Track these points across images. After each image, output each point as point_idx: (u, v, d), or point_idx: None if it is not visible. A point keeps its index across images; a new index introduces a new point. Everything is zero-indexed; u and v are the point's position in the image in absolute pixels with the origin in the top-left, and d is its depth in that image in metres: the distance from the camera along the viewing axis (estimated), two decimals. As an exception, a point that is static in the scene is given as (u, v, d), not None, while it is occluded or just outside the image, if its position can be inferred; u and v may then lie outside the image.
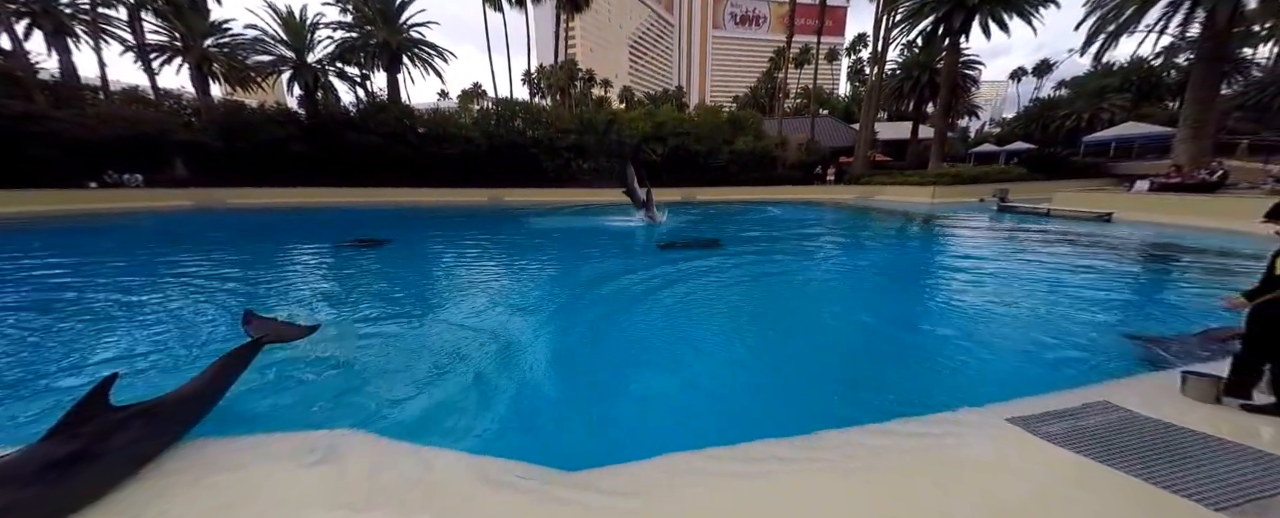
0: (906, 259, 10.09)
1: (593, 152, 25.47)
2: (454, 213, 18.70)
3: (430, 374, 3.92)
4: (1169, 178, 14.47)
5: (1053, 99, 33.83)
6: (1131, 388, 3.32)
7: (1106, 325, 5.21)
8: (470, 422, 3.21)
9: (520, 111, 26.99)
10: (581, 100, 50.14)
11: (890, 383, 3.94)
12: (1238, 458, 2.35)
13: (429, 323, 5.37)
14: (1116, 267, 8.35)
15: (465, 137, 24.28)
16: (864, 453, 2.56)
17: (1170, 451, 2.43)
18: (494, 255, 10.06)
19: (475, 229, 14.33)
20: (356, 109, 24.81)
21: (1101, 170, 23.09)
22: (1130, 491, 2.16)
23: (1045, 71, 50.82)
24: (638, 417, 3.42)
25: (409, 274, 8.17)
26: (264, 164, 21.07)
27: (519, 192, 24.10)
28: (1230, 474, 2.22)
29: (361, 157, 22.45)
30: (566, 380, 4.01)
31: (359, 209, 19.77)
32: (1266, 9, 13.96)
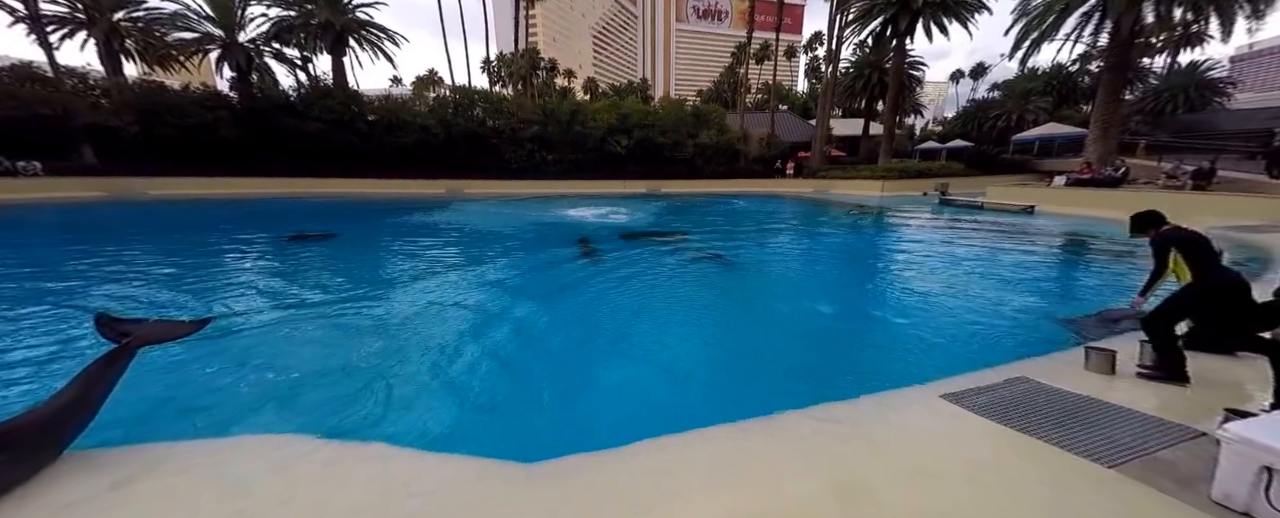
0: (858, 249, 10.73)
1: (557, 143, 24.98)
2: (409, 205, 17.79)
3: (377, 371, 3.77)
4: (1081, 174, 16.19)
5: (986, 100, 36.70)
6: (1045, 364, 3.71)
7: (1027, 307, 5.79)
8: (423, 418, 3.13)
9: (480, 100, 25.97)
10: (545, 90, 48.88)
11: (841, 366, 4.21)
12: (1127, 421, 2.70)
13: (378, 318, 5.14)
14: (1037, 254, 9.29)
15: (420, 125, 23.09)
16: (812, 432, 2.71)
17: (1074, 417, 2.75)
18: (451, 248, 9.70)
19: (431, 221, 13.71)
20: (297, 93, 22.90)
21: (1027, 167, 25.40)
22: (1041, 454, 2.43)
23: (980, 74, 55.02)
24: (596, 407, 3.47)
25: (358, 269, 7.74)
26: (191, 151, 19.07)
27: (480, 183, 23.28)
28: (1121, 436, 2.54)
29: (304, 145, 20.82)
30: (522, 373, 3.99)
31: (304, 201, 18.36)
32: (1161, 24, 15.86)
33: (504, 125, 24.88)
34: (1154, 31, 16.66)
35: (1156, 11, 15.32)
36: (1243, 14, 14.31)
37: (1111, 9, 15.62)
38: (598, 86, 63.62)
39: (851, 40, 27.36)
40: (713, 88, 58.52)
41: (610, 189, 24.34)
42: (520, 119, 25.20)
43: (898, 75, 26.07)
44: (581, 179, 24.61)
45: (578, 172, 24.95)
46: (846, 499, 2.09)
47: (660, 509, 2.05)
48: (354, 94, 23.44)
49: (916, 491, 2.16)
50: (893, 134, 27.55)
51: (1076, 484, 2.19)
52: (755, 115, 34.84)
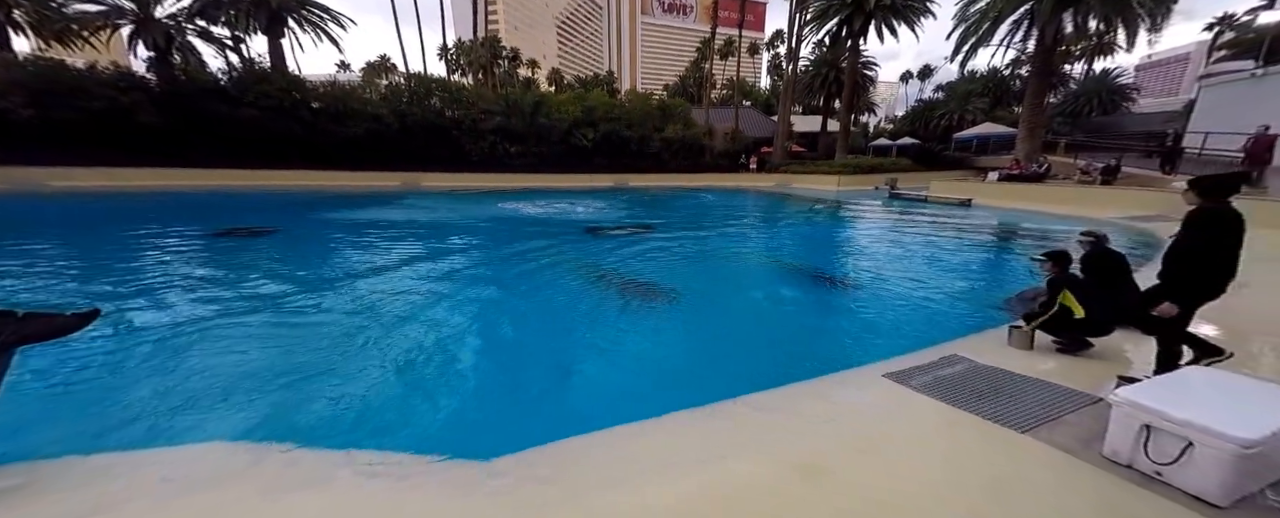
0: (815, 240, 11.25)
1: (521, 135, 24.30)
2: (361, 198, 16.79)
3: (320, 373, 3.59)
4: (1011, 170, 17.71)
5: (932, 100, 39.19)
6: (975, 342, 4.07)
7: (963, 291, 6.31)
8: (374, 421, 3.02)
9: (437, 90, 24.74)
10: (507, 81, 47.27)
11: (796, 351, 4.42)
12: (1039, 391, 3.02)
13: (319, 317, 4.88)
14: (972, 243, 10.12)
15: (372, 114, 21.71)
16: (767, 414, 2.85)
17: (996, 390, 3.04)
18: (404, 243, 9.25)
19: (384, 216, 12.99)
20: (229, 77, 20.85)
21: (966, 163, 27.41)
22: (969, 425, 2.67)
23: (927, 76, 58.62)
24: (556, 399, 3.48)
25: (298, 266, 7.24)
26: (103, 138, 16.92)
27: (439, 176, 22.29)
28: (1033, 405, 2.84)
29: (239, 133, 19.06)
30: (477, 370, 3.93)
31: (242, 194, 16.87)
32: (1078, 34, 17.55)
33: (464, 116, 23.88)
34: (1073, 40, 18.40)
35: (1074, 22, 16.91)
36: (1144, 26, 16.10)
37: (1037, 18, 17.08)
38: (563, 78, 62.25)
39: (810, 39, 28.34)
40: (679, 82, 58.77)
41: (577, 183, 24.03)
42: (481, 110, 24.27)
43: (852, 74, 27.29)
44: (547, 172, 24.12)
45: (543, 164, 24.42)
46: (804, 476, 2.21)
47: (619, 498, 2.09)
48: (295, 79, 21.66)
49: (864, 465, 2.33)
50: (848, 131, 28.88)
51: (995, 450, 2.43)
52: (720, 111, 35.39)
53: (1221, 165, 12.96)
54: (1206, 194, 2.73)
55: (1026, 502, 2.04)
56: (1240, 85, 16.15)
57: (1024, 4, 17.40)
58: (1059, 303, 3.57)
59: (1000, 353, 3.68)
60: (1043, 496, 2.08)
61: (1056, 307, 3.57)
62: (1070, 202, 13.86)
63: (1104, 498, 2.05)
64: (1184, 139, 15.45)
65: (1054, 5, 16.24)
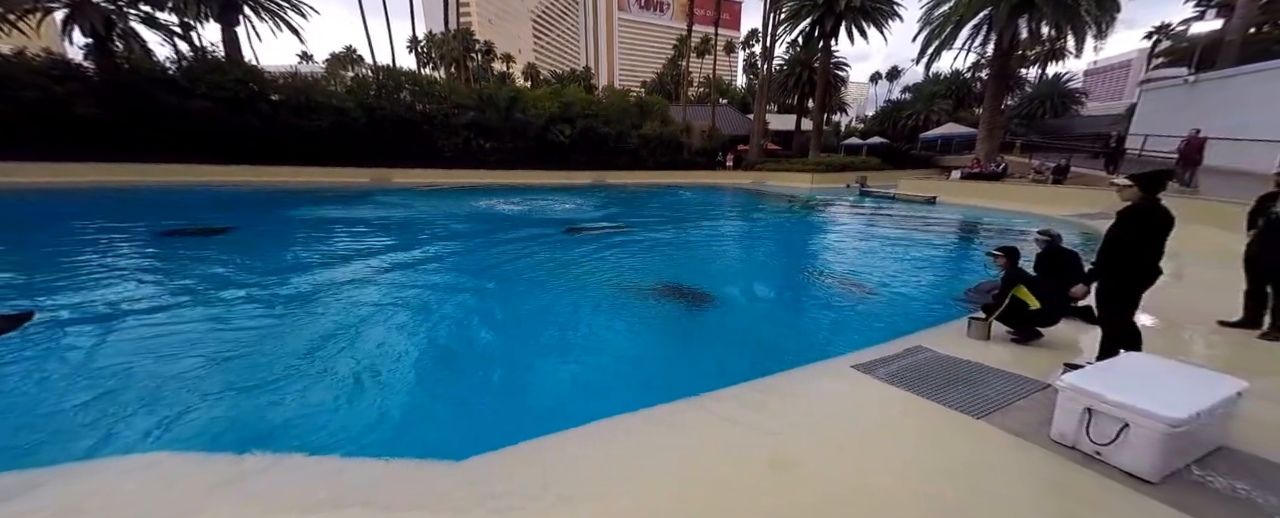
0: (790, 237, 11.50)
1: (496, 131, 23.77)
2: (327, 195, 16.06)
3: (285, 376, 3.44)
4: (972, 168, 18.59)
5: (900, 101, 40.65)
6: (939, 333, 4.26)
7: (927, 284, 6.59)
8: (345, 423, 2.90)
9: (407, 83, 23.89)
10: (481, 75, 46.18)
11: (770, 344, 4.52)
12: (994, 379, 3.18)
13: (282, 319, 4.67)
14: (936, 239, 10.57)
15: (337, 107, 20.79)
16: (742, 407, 2.90)
17: (956, 379, 3.19)
18: (372, 241, 8.91)
19: (352, 213, 12.47)
20: (178, 66, 19.50)
21: (932, 162, 28.62)
22: (930, 413, 2.79)
23: (895, 77, 60.73)
24: (529, 398, 3.45)
25: (256, 266, 6.87)
26: (36, 131, 15.53)
27: (411, 172, 21.59)
28: (988, 392, 2.99)
29: (191, 126, 17.88)
30: (449, 370, 3.85)
31: (193, 190, 15.84)
32: (1032, 39, 18.58)
33: (436, 111, 23.16)
34: (1028, 45, 19.45)
35: (1029, 28, 17.85)
36: (1091, 33, 17.15)
37: (995, 23, 17.95)
38: (539, 73, 61.27)
39: (784, 39, 28.83)
40: (656, 79, 58.84)
41: (554, 179, 23.74)
42: (454, 104, 23.60)
43: (825, 74, 27.95)
44: (523, 169, 23.73)
45: (518, 161, 23.99)
46: (778, 467, 2.26)
47: (595, 496, 2.07)
48: (252, 70, 20.48)
49: (835, 454, 2.40)
50: (821, 130, 29.60)
51: (955, 436, 2.55)
52: (697, 108, 35.63)
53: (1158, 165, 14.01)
54: (1147, 188, 2.93)
55: (981, 484, 2.15)
56: (1175, 91, 17.46)
57: (983, 9, 18.24)
58: (1013, 296, 3.77)
59: (960, 343, 3.85)
60: (995, 478, 2.20)
61: (1009, 299, 3.77)
62: (1026, 200, 14.67)
63: (1049, 478, 2.18)
64: (1126, 141, 16.59)
65: (1010, 11, 17.09)
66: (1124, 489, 2.07)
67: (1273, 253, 3.64)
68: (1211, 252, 6.61)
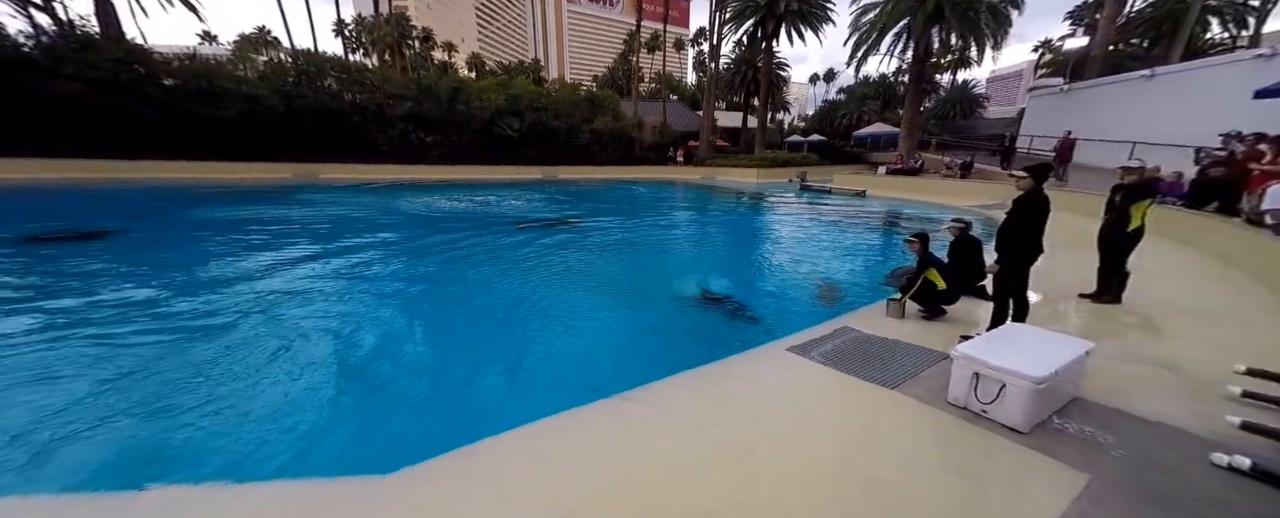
0: (737, 228, 11.98)
1: (437, 123, 22.39)
2: (240, 193, 14.32)
3: (179, 397, 3.07)
4: (895, 165, 20.40)
5: (835, 101, 43.54)
6: (864, 314, 4.65)
7: (855, 270, 7.17)
8: (258, 442, 2.64)
9: (333, 70, 21.79)
10: (420, 64, 43.13)
11: (712, 332, 4.70)
12: (906, 353, 3.54)
13: (176, 334, 4.16)
14: (864, 228, 11.52)
15: (248, 95, 18.53)
16: (683, 394, 3.00)
17: (874, 355, 3.51)
18: (292, 243, 8.10)
19: (269, 213, 11.23)
20: (36, 43, 16.29)
21: (863, 158, 30.99)
22: (854, 386, 3.05)
23: (831, 78, 64.94)
24: (465, 400, 3.34)
25: (146, 274, 6.03)
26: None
27: (340, 167, 19.83)
28: (900, 364, 3.33)
29: (60, 113, 15.09)
30: (370, 380, 3.64)
31: (64, 190, 13.41)
32: (944, 48, 20.70)
33: (368, 101, 21.38)
34: (940, 53, 21.62)
35: (940, 37, 19.84)
36: (989, 44, 19.43)
37: (912, 32, 19.74)
38: (484, 64, 58.39)
39: (729, 38, 29.74)
40: (608, 74, 58.35)
41: (502, 175, 22.87)
42: (389, 95, 21.91)
43: (767, 74, 29.23)
44: (468, 164, 22.60)
45: (463, 155, 22.81)
46: (721, 446, 2.39)
47: (527, 498, 2.05)
48: (136, 49, 17.59)
49: (769, 432, 2.55)
50: (765, 127, 30.98)
51: (870, 403, 2.82)
52: (648, 104, 35.83)
53: (1042, 160, 16.18)
54: (1038, 179, 3.41)
55: (891, 444, 2.40)
56: (1053, 98, 20.23)
57: (903, 19, 19.97)
58: (924, 278, 4.21)
59: (880, 323, 4.24)
60: (903, 438, 2.46)
61: (921, 281, 4.21)
62: (939, 193, 16.36)
63: (945, 436, 2.47)
64: (1017, 140, 19.00)
65: (925, 21, 18.88)
66: (1002, 440, 2.40)
67: (1113, 232, 4.37)
68: (1077, 236, 7.78)
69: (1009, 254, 3.53)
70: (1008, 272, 3.57)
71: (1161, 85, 14.57)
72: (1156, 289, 4.80)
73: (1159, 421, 2.54)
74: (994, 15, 18.41)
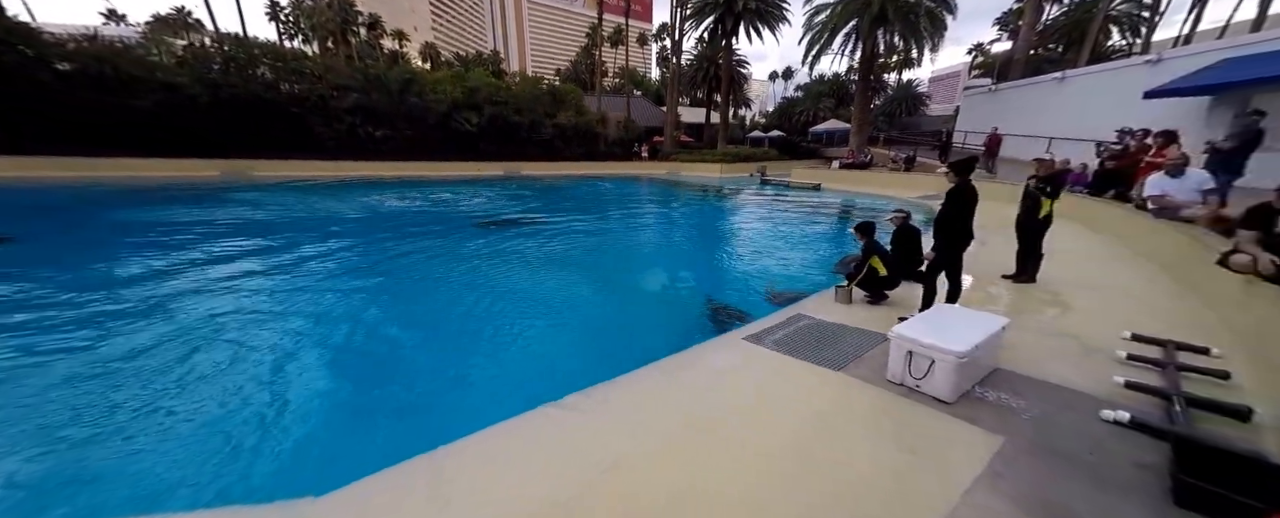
0: (699, 222, 12.22)
1: (388, 116, 21.16)
2: (153, 193, 12.94)
3: (85, 423, 2.77)
4: (847, 159, 21.49)
5: (793, 99, 45.17)
6: (815, 301, 4.89)
7: (809, 260, 7.51)
8: (174, 469, 2.44)
9: (267, 57, 20.02)
10: (367, 53, 40.52)
11: (678, 325, 4.80)
12: (852, 336, 3.78)
13: (78, 352, 3.74)
14: (818, 220, 12.08)
15: (164, 82, 16.70)
16: (643, 388, 3.05)
17: (823, 340, 3.72)
18: (215, 249, 7.45)
19: (192, 215, 10.22)
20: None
21: (818, 154, 32.39)
22: (804, 370, 3.22)
23: (789, 76, 67.22)
24: (414, 415, 3.24)
25: (40, 287, 5.35)
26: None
27: (279, 164, 18.36)
28: (847, 347, 3.55)
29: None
30: (302, 396, 3.46)
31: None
32: (888, 49, 21.95)
33: (309, 92, 19.82)
34: (887, 54, 22.92)
35: (885, 39, 21.01)
36: (928, 46, 20.81)
37: (860, 33, 20.78)
38: (439, 55, 55.71)
39: (691, 34, 30.03)
40: (571, 68, 57.38)
41: (462, 171, 22.00)
42: (333, 85, 20.43)
43: (728, 71, 29.81)
44: (423, 159, 21.55)
45: (418, 150, 21.72)
46: (675, 437, 2.46)
47: (481, 511, 2.03)
48: (18, 26, 15.35)
49: (726, 416, 2.66)
50: (727, 123, 31.65)
51: (819, 385, 2.99)
52: (612, 99, 35.59)
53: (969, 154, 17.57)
54: (959, 172, 3.70)
55: (836, 422, 2.57)
56: (983, 97, 21.97)
57: (851, 20, 20.97)
58: (869, 265, 4.49)
59: (830, 309, 4.49)
60: (848, 415, 2.64)
61: (866, 268, 4.49)
62: (887, 185, 17.40)
63: (882, 410, 2.67)
64: (953, 137, 20.52)
65: (871, 24, 19.93)
66: (931, 411, 2.63)
67: (1028, 218, 4.85)
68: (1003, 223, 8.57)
69: (943, 240, 3.84)
70: (942, 256, 3.88)
71: (1071, 86, 16.20)
72: (1064, 268, 5.38)
73: (1061, 384, 2.87)
74: (931, 19, 19.72)
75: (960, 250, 3.88)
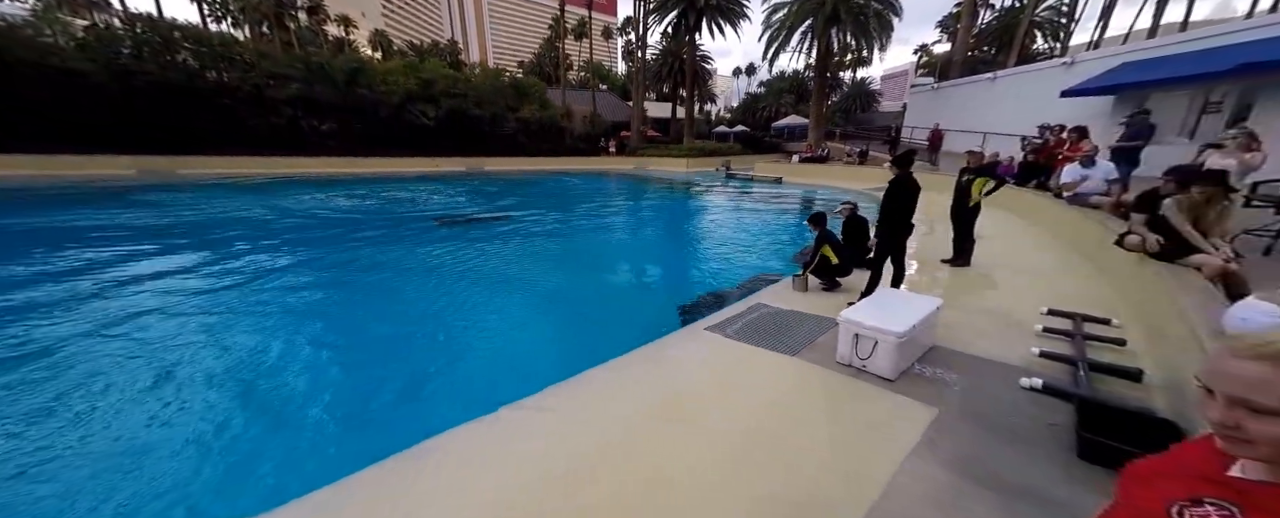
0: (666, 216, 12.33)
1: (334, 108, 19.83)
2: (46, 195, 11.50)
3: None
4: (806, 153, 22.33)
5: (756, 94, 46.25)
6: (774, 291, 5.07)
7: (770, 250, 7.77)
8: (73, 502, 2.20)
9: (188, 41, 18.17)
10: (310, 39, 37.65)
11: (643, 321, 4.83)
12: (807, 323, 3.95)
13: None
14: (779, 212, 12.51)
15: (60, 68, 14.81)
16: (613, 384, 3.07)
17: (781, 327, 3.86)
18: (131, 258, 6.77)
19: (93, 220, 9.18)
20: None
21: (780, 148, 33.46)
22: (762, 357, 3.34)
23: (752, 72, 68.66)
24: (354, 425, 3.11)
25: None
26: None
27: (207, 161, 16.85)
28: (803, 334, 3.70)
29: None
30: (232, 416, 3.24)
31: None
32: (842, 47, 22.93)
33: (241, 80, 18.20)
34: (841, 52, 23.92)
35: (838, 38, 21.91)
36: (877, 45, 21.90)
37: (815, 31, 21.55)
38: (391, 43, 52.59)
39: (655, 28, 30.02)
40: (535, 60, 55.86)
41: (419, 168, 21.03)
42: (268, 74, 18.86)
43: (692, 65, 30.07)
44: (377, 155, 20.41)
45: (370, 145, 20.55)
46: (661, 418, 2.54)
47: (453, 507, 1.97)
48: None
49: (689, 406, 2.72)
50: (692, 118, 31.99)
51: (776, 371, 3.11)
52: (578, 93, 35.10)
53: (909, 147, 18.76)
54: (899, 165, 3.94)
55: (792, 404, 2.69)
56: (927, 95, 23.42)
57: (807, 19, 21.70)
58: (820, 253, 4.70)
59: (788, 297, 4.67)
60: (802, 397, 2.76)
61: (819, 256, 4.70)
62: (843, 178, 18.26)
63: (833, 390, 2.82)
64: (901, 132, 21.77)
65: (825, 23, 20.72)
66: (875, 389, 2.80)
67: (959, 207, 5.25)
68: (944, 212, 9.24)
69: (886, 229, 4.07)
70: (885, 244, 4.13)
71: (1001, 85, 17.59)
72: (995, 252, 5.87)
73: (987, 358, 3.14)
74: (879, 20, 20.76)
75: (902, 238, 4.14)
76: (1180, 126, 10.90)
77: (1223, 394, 0.64)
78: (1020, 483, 1.98)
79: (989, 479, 2.01)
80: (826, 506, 1.92)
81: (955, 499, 1.90)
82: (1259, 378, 0.60)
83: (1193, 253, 3.18)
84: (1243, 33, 9.86)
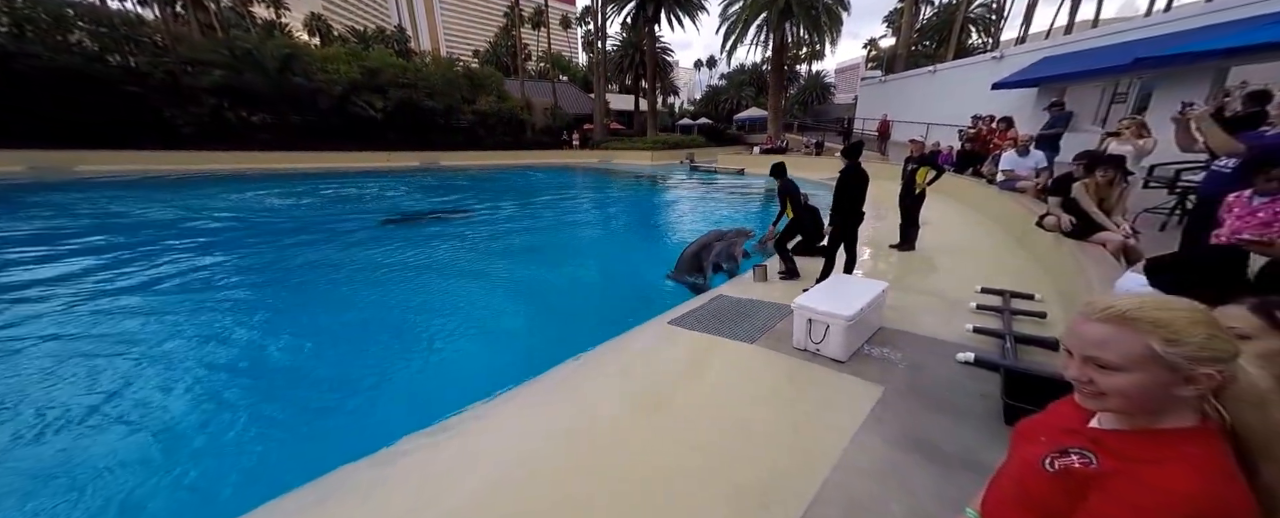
0: (632, 210, 12.30)
1: (265, 98, 18.18)
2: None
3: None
4: (766, 145, 22.92)
5: (718, 87, 46.81)
6: (735, 282, 5.18)
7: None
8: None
9: (83, 20, 16.00)
10: (236, 22, 34.12)
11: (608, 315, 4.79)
12: (765, 310, 4.05)
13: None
14: (740, 202, 12.79)
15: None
16: (582, 375, 3.02)
17: (740, 316, 3.94)
18: (24, 267, 5.97)
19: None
20: None
21: (742, 140, 34.17)
22: (721, 346, 3.39)
23: (713, 65, 69.34)
24: (292, 441, 2.91)
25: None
26: None
27: (115, 155, 15.11)
28: (760, 322, 3.80)
29: None
30: (150, 441, 2.96)
31: None
32: (796, 41, 23.57)
33: (152, 65, 16.27)
34: (795, 46, 24.60)
35: (793, 32, 22.49)
36: (829, 39, 22.69)
37: (769, 25, 22.01)
38: (330, 29, 48.75)
39: (614, 19, 29.56)
40: (490, 49, 53.60)
41: (367, 163, 19.77)
42: (185, 59, 16.97)
43: (652, 57, 29.94)
44: (317, 149, 18.97)
45: (308, 139, 19.06)
46: (628, 409, 2.54)
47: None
48: None
49: (652, 397, 2.72)
50: (655, 110, 31.95)
51: (735, 358, 3.17)
52: (537, 85, 34.09)
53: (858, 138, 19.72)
54: (847, 156, 4.09)
55: (748, 389, 2.75)
56: (876, 87, 24.60)
57: (762, 13, 22.09)
58: (786, 206, 4.82)
59: (748, 287, 4.77)
60: (759, 382, 2.83)
61: (787, 210, 4.80)
62: (801, 168, 18.78)
63: (789, 374, 2.91)
64: (854, 123, 22.77)
65: (779, 16, 21.18)
66: (827, 371, 2.92)
67: (906, 194, 5.56)
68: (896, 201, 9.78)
69: (837, 217, 4.24)
70: (837, 232, 4.29)
71: (940, 78, 18.76)
72: (936, 236, 6.27)
73: (929, 335, 3.35)
74: (829, 14, 21.49)
75: (853, 226, 4.32)
76: (1094, 116, 12.08)
77: (1078, 353, 0.71)
78: (955, 451, 2.13)
79: (927, 449, 2.14)
80: (785, 483, 1.98)
81: (894, 470, 2.02)
82: (1103, 337, 0.67)
83: (1099, 231, 3.52)
84: (1140, 29, 11.01)
